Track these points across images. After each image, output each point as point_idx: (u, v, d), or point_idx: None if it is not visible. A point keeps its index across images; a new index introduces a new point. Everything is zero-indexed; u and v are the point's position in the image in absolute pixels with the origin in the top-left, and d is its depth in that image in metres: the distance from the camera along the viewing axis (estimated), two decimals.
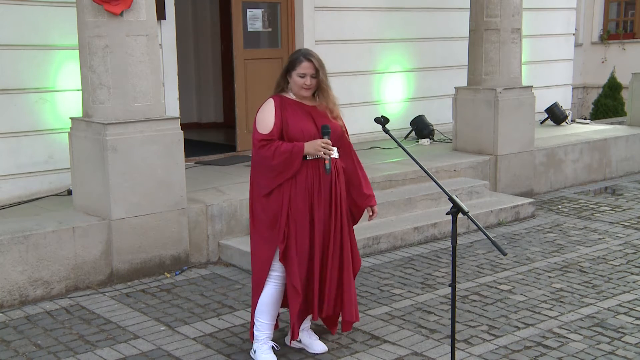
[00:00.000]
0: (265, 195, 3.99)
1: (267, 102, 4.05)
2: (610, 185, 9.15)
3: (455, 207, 3.48)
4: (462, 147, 8.39)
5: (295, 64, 4.01)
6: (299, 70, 4.00)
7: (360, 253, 6.06)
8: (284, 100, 4.05)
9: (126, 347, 4.38)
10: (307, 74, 3.99)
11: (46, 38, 6.52)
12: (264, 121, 3.98)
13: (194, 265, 5.88)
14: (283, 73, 4.10)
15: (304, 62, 4.00)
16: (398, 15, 9.42)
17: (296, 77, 4.01)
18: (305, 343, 4.30)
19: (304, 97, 4.08)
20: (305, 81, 4.00)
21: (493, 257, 6.12)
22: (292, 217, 3.97)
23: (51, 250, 5.19)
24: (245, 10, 8.41)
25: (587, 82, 15.93)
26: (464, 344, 4.39)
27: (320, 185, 4.01)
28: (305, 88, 4.02)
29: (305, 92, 4.04)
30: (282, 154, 3.90)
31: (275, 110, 3.99)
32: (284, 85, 4.11)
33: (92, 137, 5.45)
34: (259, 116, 4.02)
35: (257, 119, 4.02)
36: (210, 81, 11.38)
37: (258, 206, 4.04)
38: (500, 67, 8.10)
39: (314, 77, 4.01)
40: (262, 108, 4.05)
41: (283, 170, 3.93)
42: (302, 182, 3.97)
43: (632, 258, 6.10)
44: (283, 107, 4.00)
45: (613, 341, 4.45)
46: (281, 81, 4.11)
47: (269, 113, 3.99)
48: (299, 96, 4.07)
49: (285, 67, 4.08)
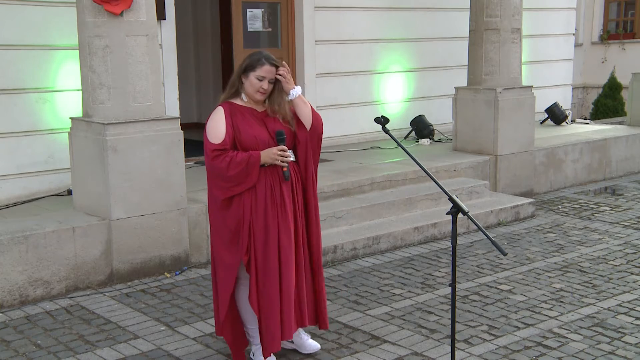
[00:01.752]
0: (224, 207, 3.86)
1: (216, 111, 3.88)
2: (610, 185, 9.15)
3: (455, 207, 3.48)
4: (462, 147, 8.39)
5: (256, 66, 3.85)
6: (258, 72, 3.84)
7: (360, 253, 6.14)
8: (234, 107, 3.90)
9: (126, 347, 4.38)
10: (265, 78, 3.85)
11: (46, 38, 6.52)
12: (215, 130, 3.81)
13: (194, 265, 5.88)
14: (238, 73, 3.93)
15: (266, 65, 3.84)
16: (398, 15, 9.42)
17: (254, 78, 3.86)
18: (297, 344, 4.27)
19: (256, 102, 3.94)
20: (262, 85, 3.86)
21: (493, 257, 6.12)
22: (255, 227, 3.85)
23: (51, 250, 5.19)
24: (245, 10, 8.41)
25: (587, 82, 15.92)
26: (464, 344, 4.39)
27: (281, 192, 3.90)
28: (261, 92, 3.88)
29: (260, 96, 3.90)
30: (238, 164, 3.76)
31: (226, 118, 3.83)
32: (239, 86, 3.94)
33: (92, 137, 5.45)
34: (209, 125, 3.84)
35: (207, 129, 3.84)
36: (210, 81, 11.38)
37: (218, 217, 3.91)
38: (500, 67, 8.10)
39: (271, 82, 3.89)
40: (211, 117, 3.87)
41: (241, 182, 3.80)
42: (261, 191, 3.85)
43: (632, 258, 6.10)
44: (233, 114, 3.86)
45: (613, 341, 4.45)
46: (236, 81, 3.94)
47: (220, 122, 3.82)
48: (252, 99, 3.93)
49: (243, 67, 3.91)
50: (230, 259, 3.90)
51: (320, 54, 8.77)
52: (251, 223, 3.85)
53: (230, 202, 3.86)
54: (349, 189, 6.85)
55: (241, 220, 3.85)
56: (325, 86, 8.85)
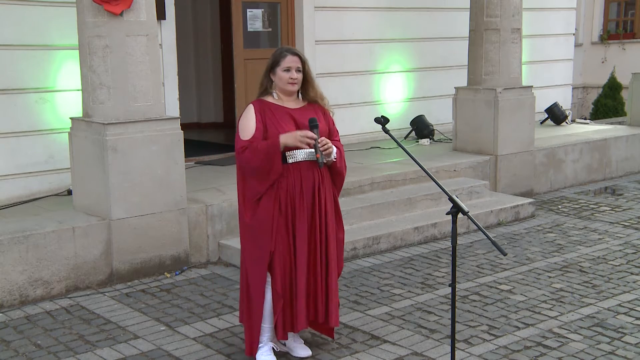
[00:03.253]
0: (256, 201, 3.92)
1: (247, 109, 3.99)
2: (610, 185, 9.15)
3: (455, 207, 3.48)
4: (462, 147, 8.39)
5: (280, 59, 3.94)
6: (283, 64, 3.93)
7: (360, 253, 6.13)
8: (264, 104, 3.98)
9: (126, 347, 4.38)
10: (292, 68, 3.93)
11: (46, 38, 6.52)
12: (246, 128, 3.91)
13: (194, 265, 5.88)
14: (266, 72, 4.02)
15: (289, 56, 3.94)
16: (398, 15, 9.42)
17: (281, 72, 3.94)
18: (289, 347, 4.26)
19: (289, 97, 4.01)
20: (291, 75, 3.93)
21: (493, 257, 6.12)
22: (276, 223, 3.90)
23: (51, 250, 5.19)
24: (245, 10, 8.41)
25: (587, 82, 15.92)
26: (464, 344, 4.39)
27: (302, 190, 3.92)
28: (291, 83, 3.95)
29: (292, 86, 3.96)
30: (259, 152, 3.82)
31: (256, 115, 3.92)
32: (268, 85, 4.02)
33: (92, 137, 5.46)
34: (241, 123, 3.95)
35: (240, 126, 3.95)
36: (210, 81, 11.38)
37: (248, 213, 3.97)
38: (500, 67, 8.10)
39: (299, 70, 3.96)
40: (243, 115, 3.99)
41: (268, 170, 3.84)
42: (284, 187, 3.90)
43: (632, 258, 6.10)
44: (263, 111, 3.93)
45: (613, 341, 4.45)
46: (265, 81, 4.03)
47: (250, 119, 3.92)
48: (285, 93, 4.00)
49: (269, 65, 4.00)
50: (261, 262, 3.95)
51: (320, 54, 8.77)
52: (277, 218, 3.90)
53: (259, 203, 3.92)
54: (349, 189, 6.84)
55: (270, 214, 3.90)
56: (325, 86, 8.70)
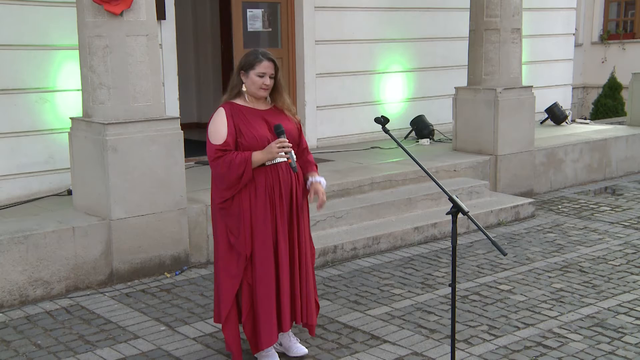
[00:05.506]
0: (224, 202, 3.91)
1: (217, 112, 3.92)
2: (610, 185, 9.15)
3: (455, 207, 3.48)
4: (462, 147, 8.39)
5: (254, 63, 3.89)
6: (258, 69, 3.89)
7: (360, 253, 6.14)
8: (235, 107, 3.93)
9: (126, 347, 4.38)
10: (266, 74, 3.90)
11: (46, 38, 6.52)
12: (216, 132, 3.85)
13: (194, 265, 5.88)
14: (237, 72, 3.97)
15: (264, 62, 3.88)
16: (398, 15, 9.43)
17: (254, 76, 3.90)
18: (285, 346, 4.25)
19: (258, 100, 3.98)
20: (264, 81, 3.90)
21: (493, 257, 6.12)
22: (254, 223, 3.88)
23: (51, 250, 5.19)
24: (245, 10, 8.41)
25: (587, 82, 15.93)
26: (464, 344, 4.39)
27: (281, 191, 3.92)
28: (263, 88, 3.92)
29: (263, 92, 3.94)
30: (238, 166, 3.79)
31: (227, 119, 3.87)
32: (240, 85, 3.97)
33: (92, 137, 5.46)
34: (211, 127, 3.88)
35: (209, 131, 3.87)
36: (210, 81, 11.38)
37: (218, 215, 3.96)
38: (500, 67, 8.10)
39: (272, 77, 3.93)
40: (212, 118, 3.90)
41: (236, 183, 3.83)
42: (261, 188, 3.88)
43: (632, 258, 6.10)
44: (234, 115, 3.89)
45: (613, 341, 4.45)
46: (236, 80, 3.97)
47: (221, 123, 3.86)
48: (255, 97, 3.96)
49: (241, 65, 3.95)
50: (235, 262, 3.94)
51: (320, 54, 8.77)
52: (251, 219, 3.88)
53: (231, 202, 3.90)
54: (349, 189, 6.85)
55: (240, 216, 3.88)
56: (326, 86, 8.85)
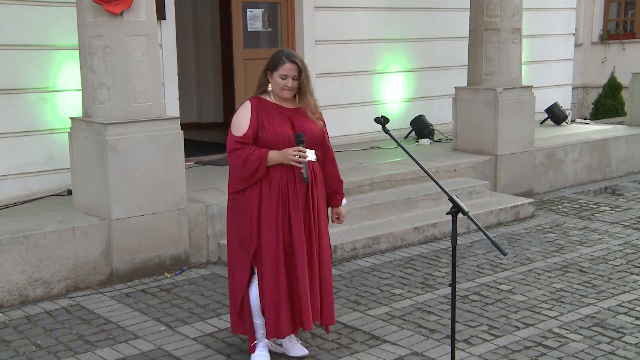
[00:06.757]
0: (236, 194, 3.95)
1: (243, 105, 3.98)
2: (610, 185, 9.15)
3: (455, 207, 3.48)
4: (462, 147, 8.39)
5: (278, 65, 3.91)
6: (280, 71, 3.90)
7: (360, 253, 6.15)
8: (262, 102, 3.96)
9: (126, 347, 4.38)
10: (289, 76, 3.91)
11: (46, 38, 6.51)
12: (239, 124, 3.90)
13: (194, 265, 5.88)
14: (264, 71, 4.01)
15: (287, 64, 3.89)
16: (398, 15, 9.42)
17: (277, 77, 3.92)
18: (285, 347, 4.25)
19: (285, 99, 4.00)
20: (286, 83, 3.91)
21: (493, 257, 6.12)
22: (263, 218, 3.89)
23: (51, 250, 5.19)
24: (245, 10, 8.41)
25: (587, 82, 15.93)
26: (464, 344, 4.39)
27: (295, 188, 3.92)
28: (286, 90, 3.94)
29: (287, 93, 3.95)
30: (254, 162, 3.83)
31: (252, 113, 3.90)
32: (266, 84, 4.00)
33: (92, 137, 5.46)
34: (235, 118, 3.94)
35: (233, 122, 3.93)
36: (210, 81, 11.38)
37: (231, 204, 4.01)
38: (500, 67, 8.10)
39: (295, 79, 3.93)
40: (238, 110, 3.97)
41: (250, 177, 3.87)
42: (276, 184, 3.89)
43: (632, 258, 6.10)
44: (260, 110, 3.92)
45: (613, 341, 4.45)
46: (263, 79, 4.02)
47: (245, 116, 3.90)
48: (279, 97, 3.98)
49: (267, 66, 3.98)
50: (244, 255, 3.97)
51: (320, 54, 8.76)
52: (260, 212, 3.89)
53: (242, 193, 3.93)
54: (349, 189, 6.84)
55: (250, 207, 3.90)
56: (326, 86, 8.84)
